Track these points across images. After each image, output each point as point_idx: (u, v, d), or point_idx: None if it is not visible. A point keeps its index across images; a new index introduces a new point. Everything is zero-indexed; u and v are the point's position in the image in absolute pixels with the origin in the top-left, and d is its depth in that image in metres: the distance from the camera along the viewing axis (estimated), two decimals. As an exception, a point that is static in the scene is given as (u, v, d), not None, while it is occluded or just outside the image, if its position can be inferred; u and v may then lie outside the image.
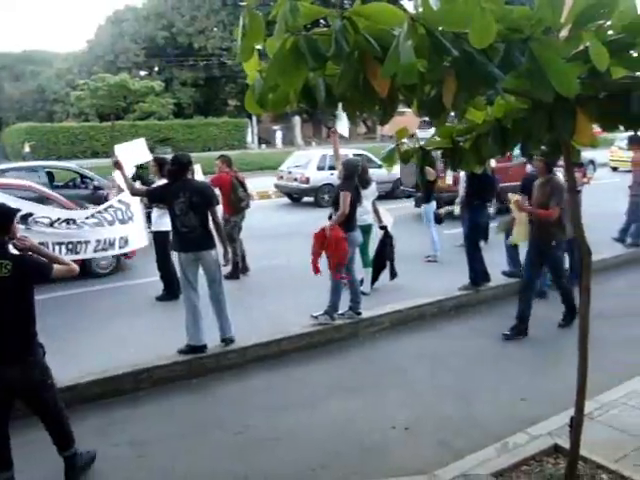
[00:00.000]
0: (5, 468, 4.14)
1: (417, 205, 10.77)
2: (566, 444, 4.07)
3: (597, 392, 5.32)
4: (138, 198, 8.64)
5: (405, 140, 3.91)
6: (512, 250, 9.06)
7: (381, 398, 5.66)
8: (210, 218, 6.35)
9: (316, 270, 7.02)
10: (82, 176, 14.06)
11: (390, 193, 17.80)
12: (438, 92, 2.83)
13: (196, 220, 6.20)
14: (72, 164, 17.10)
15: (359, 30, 2.62)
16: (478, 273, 8.55)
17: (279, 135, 44.17)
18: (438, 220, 10.14)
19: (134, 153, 9.64)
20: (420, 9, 2.40)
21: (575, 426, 3.72)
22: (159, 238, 8.58)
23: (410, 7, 2.89)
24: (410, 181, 15.43)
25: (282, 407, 5.53)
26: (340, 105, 3.09)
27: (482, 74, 2.54)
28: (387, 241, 8.73)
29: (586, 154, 12.86)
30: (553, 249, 7.13)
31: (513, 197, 7.44)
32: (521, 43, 2.63)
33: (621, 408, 5.08)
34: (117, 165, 6.99)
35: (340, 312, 7.26)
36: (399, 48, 2.34)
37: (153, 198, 7.19)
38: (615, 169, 23.18)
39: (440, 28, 2.49)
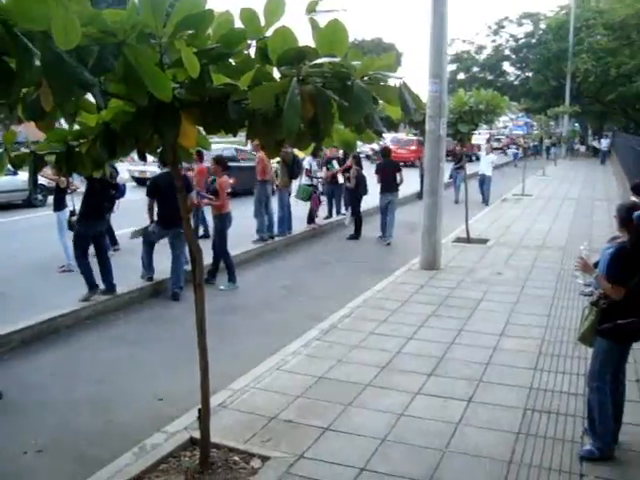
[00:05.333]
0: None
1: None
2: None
3: (231, 380, 5.67)
4: None
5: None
6: (145, 254, 9.18)
7: (15, 422, 5.21)
8: None
9: None
10: None
11: (27, 202, 16.73)
12: (38, 94, 2.70)
13: None
14: None
15: None
16: (89, 280, 8.26)
17: None
18: (71, 227, 9.68)
19: None
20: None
21: (203, 416, 3.88)
22: None
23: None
24: None
25: None
26: None
27: (73, 77, 2.48)
28: None
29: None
30: None
31: None
32: (115, 47, 2.64)
33: (251, 392, 5.47)
34: None
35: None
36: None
37: None
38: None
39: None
